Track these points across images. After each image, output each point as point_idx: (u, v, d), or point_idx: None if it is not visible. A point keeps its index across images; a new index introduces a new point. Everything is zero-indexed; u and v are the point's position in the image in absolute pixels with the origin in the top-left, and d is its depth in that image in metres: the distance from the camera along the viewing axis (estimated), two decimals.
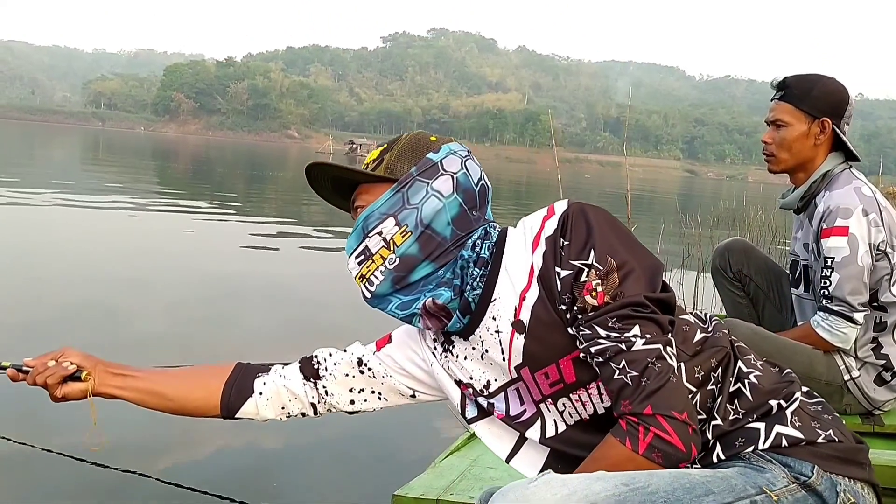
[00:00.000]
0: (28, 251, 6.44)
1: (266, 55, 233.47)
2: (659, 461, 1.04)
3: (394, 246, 1.23)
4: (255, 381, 1.41)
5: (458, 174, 1.25)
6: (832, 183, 2.17)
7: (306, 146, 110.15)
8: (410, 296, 1.24)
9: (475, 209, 1.27)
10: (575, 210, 1.17)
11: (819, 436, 1.14)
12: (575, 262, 1.13)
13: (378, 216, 1.24)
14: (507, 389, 1.25)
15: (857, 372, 2.14)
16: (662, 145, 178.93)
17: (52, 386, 1.35)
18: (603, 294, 1.11)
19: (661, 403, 1.04)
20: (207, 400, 1.40)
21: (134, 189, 14.39)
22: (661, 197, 30.01)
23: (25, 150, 28.88)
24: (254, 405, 1.40)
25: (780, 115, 2.20)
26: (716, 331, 1.23)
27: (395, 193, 1.24)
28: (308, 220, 11.21)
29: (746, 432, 1.15)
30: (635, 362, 1.07)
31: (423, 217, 1.22)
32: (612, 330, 1.09)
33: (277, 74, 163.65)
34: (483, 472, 1.89)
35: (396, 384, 1.40)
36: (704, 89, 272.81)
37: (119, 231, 8.34)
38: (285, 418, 1.43)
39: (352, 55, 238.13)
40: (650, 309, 1.10)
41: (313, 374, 1.41)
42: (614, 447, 1.06)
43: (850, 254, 2.05)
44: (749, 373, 1.20)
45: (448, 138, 1.33)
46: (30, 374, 1.36)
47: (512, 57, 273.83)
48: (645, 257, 1.16)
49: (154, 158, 32.36)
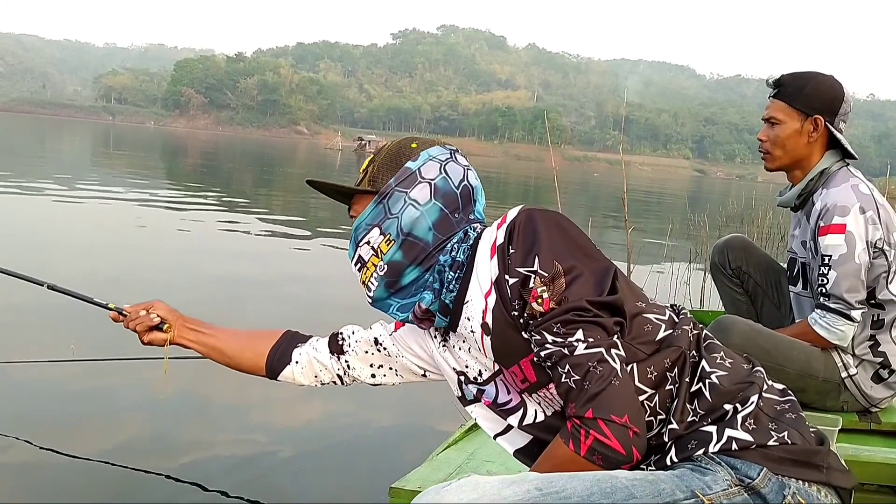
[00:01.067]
0: (36, 245, 6.49)
1: (276, 51, 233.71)
2: (599, 463, 1.07)
3: (381, 254, 1.32)
4: (294, 350, 1.58)
5: (436, 180, 1.32)
6: (829, 181, 2.18)
7: (315, 142, 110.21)
8: (407, 299, 1.33)
9: (457, 211, 1.33)
10: (522, 218, 1.21)
11: (771, 438, 1.14)
12: (520, 269, 1.18)
13: (365, 227, 1.34)
14: (496, 379, 1.31)
15: (855, 369, 2.15)
16: (672, 144, 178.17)
17: (140, 333, 1.60)
18: (549, 300, 1.14)
19: (602, 407, 1.07)
20: (256, 362, 1.60)
21: (143, 184, 14.45)
22: (670, 196, 29.94)
23: (37, 144, 29.01)
24: (291, 372, 1.58)
25: (773, 113, 2.21)
26: (677, 328, 1.23)
27: (378, 205, 1.32)
28: (315, 218, 11.23)
29: (699, 435, 1.16)
30: (578, 366, 1.10)
31: (403, 225, 1.30)
32: (557, 335, 1.12)
33: (287, 70, 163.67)
34: (480, 465, 1.91)
35: (408, 363, 1.51)
36: (715, 88, 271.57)
37: (125, 226, 8.39)
38: (319, 385, 1.60)
39: (361, 51, 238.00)
40: (593, 313, 1.13)
41: (338, 349, 1.56)
42: (560, 448, 1.09)
43: (848, 251, 2.06)
44: (711, 372, 1.20)
45: (432, 141, 1.38)
46: (125, 321, 1.61)
47: (522, 54, 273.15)
48: (594, 261, 1.19)
49: (164, 153, 32.47)
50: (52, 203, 9.46)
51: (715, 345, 1.25)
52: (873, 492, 1.80)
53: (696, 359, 1.22)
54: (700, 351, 1.23)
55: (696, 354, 1.22)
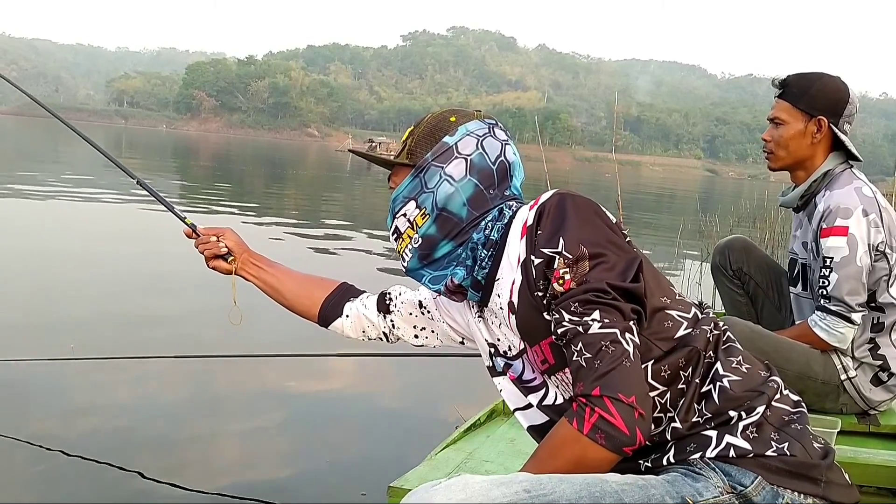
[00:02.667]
0: (48, 249, 6.54)
1: (287, 53, 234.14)
2: (602, 442, 1.05)
3: (416, 227, 1.34)
4: (346, 304, 1.64)
5: (473, 156, 1.33)
6: (833, 182, 2.18)
7: (326, 144, 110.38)
8: (439, 271, 1.35)
9: (493, 187, 1.34)
10: (554, 201, 1.22)
11: (770, 448, 1.13)
12: (545, 250, 1.18)
13: (402, 199, 1.36)
14: (523, 356, 1.32)
15: (854, 372, 2.15)
16: (683, 144, 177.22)
17: (207, 258, 1.68)
18: (570, 281, 1.15)
19: (610, 385, 1.06)
20: (310, 309, 1.66)
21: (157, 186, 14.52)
22: (682, 196, 29.81)
23: (50, 148, 29.21)
24: (341, 324, 1.65)
25: (778, 113, 2.22)
26: (697, 328, 1.22)
27: (414, 178, 1.35)
28: (326, 220, 11.27)
29: (699, 439, 1.16)
30: (590, 345, 1.10)
31: (438, 201, 1.32)
32: (573, 314, 1.13)
33: (298, 73, 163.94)
34: (479, 465, 1.93)
35: (448, 329, 1.55)
36: (726, 88, 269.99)
37: (139, 228, 8.44)
38: (366, 340, 1.66)
39: (372, 53, 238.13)
40: (612, 296, 1.12)
41: (385, 308, 1.61)
42: (563, 427, 1.09)
43: (849, 254, 2.07)
44: (724, 376, 1.19)
45: (471, 114, 1.39)
46: (197, 241, 1.70)
47: (532, 55, 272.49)
48: (620, 250, 1.18)
49: (176, 156, 32.63)
50: (63, 204, 9.54)
51: (734, 348, 1.24)
52: (872, 494, 1.81)
53: (712, 360, 1.21)
54: (717, 353, 1.22)
55: (712, 355, 1.21)
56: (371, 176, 29.30)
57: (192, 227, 1.71)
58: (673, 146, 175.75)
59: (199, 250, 1.69)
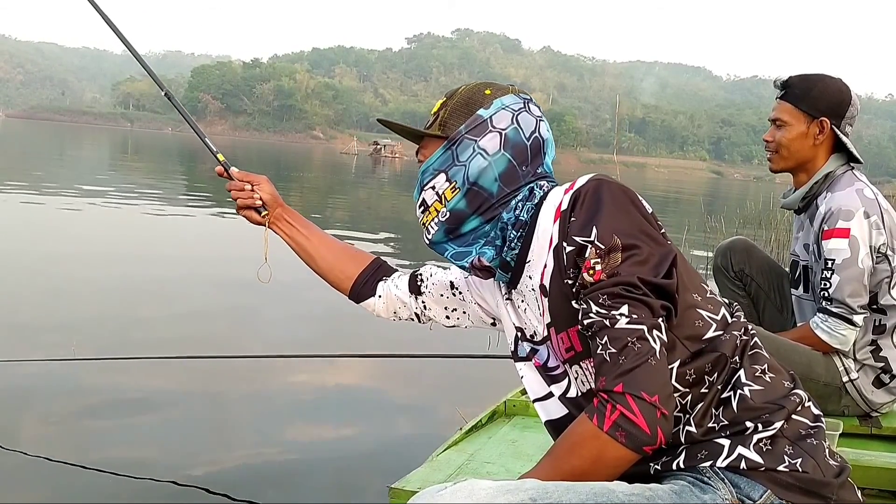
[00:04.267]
0: (58, 251, 6.56)
1: (292, 56, 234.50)
2: (622, 440, 1.03)
3: (445, 200, 1.31)
4: (378, 283, 1.61)
5: (507, 130, 1.30)
6: (834, 184, 2.19)
7: (331, 147, 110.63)
8: (463, 247, 1.33)
9: (525, 164, 1.30)
10: (590, 186, 1.18)
11: (783, 463, 1.11)
12: (577, 237, 1.14)
13: (431, 171, 1.33)
14: (548, 342, 1.29)
15: (856, 374, 2.15)
16: (689, 146, 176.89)
17: (239, 206, 1.60)
18: (600, 272, 1.11)
19: (633, 383, 1.03)
20: (343, 282, 1.62)
21: (162, 189, 14.57)
22: (687, 198, 29.76)
23: (56, 151, 29.32)
24: (373, 303, 1.61)
25: (779, 115, 2.23)
26: (727, 332, 1.18)
27: (446, 151, 1.31)
28: (333, 220, 11.28)
29: (712, 446, 1.13)
30: (616, 340, 1.06)
31: (469, 175, 1.29)
32: (601, 306, 1.09)
33: (303, 75, 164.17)
34: (480, 466, 1.93)
35: (479, 311, 1.52)
36: (731, 90, 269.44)
37: (147, 230, 8.46)
38: (397, 320, 1.63)
39: (377, 56, 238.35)
40: (642, 291, 1.09)
41: (416, 289, 1.58)
42: (583, 423, 1.06)
43: (851, 256, 2.07)
44: (746, 384, 1.16)
45: (506, 88, 1.35)
46: (230, 184, 1.61)
47: (536, 57, 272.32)
48: (655, 243, 1.14)
49: (182, 159, 32.71)
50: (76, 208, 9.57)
51: (761, 356, 1.21)
52: (874, 497, 1.81)
53: (736, 366, 1.18)
54: (742, 359, 1.18)
55: (737, 361, 1.18)
56: (376, 178, 29.28)
57: (225, 166, 1.61)
58: (678, 148, 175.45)
59: (232, 197, 1.61)
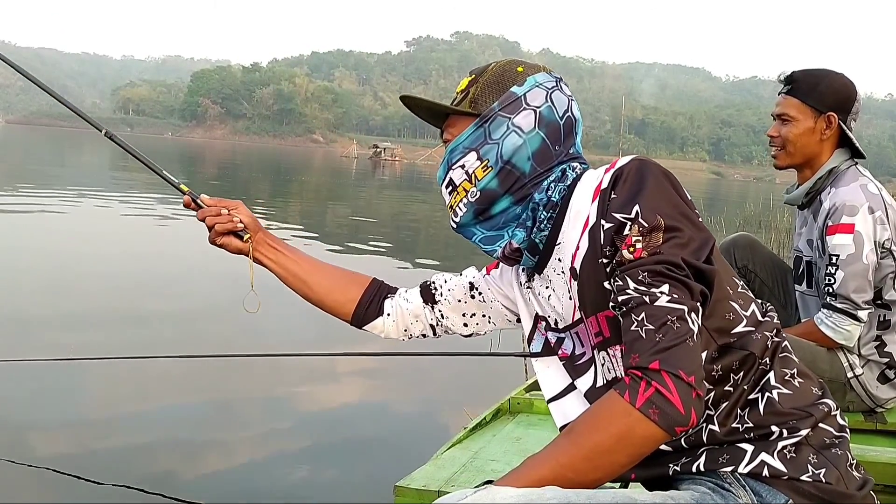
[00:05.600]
0: (61, 255, 6.57)
1: (291, 60, 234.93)
2: (655, 418, 0.98)
3: (475, 180, 1.26)
4: (384, 301, 1.51)
5: (542, 108, 1.25)
6: (838, 180, 2.18)
7: (331, 150, 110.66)
8: (493, 231, 1.28)
9: (558, 143, 1.26)
10: (633, 165, 1.15)
11: (806, 472, 1.08)
12: (617, 214, 1.11)
13: (461, 150, 1.27)
14: (571, 331, 1.25)
15: (861, 369, 2.14)
16: (688, 147, 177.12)
17: (218, 232, 1.45)
18: (641, 250, 1.08)
19: (671, 360, 0.99)
20: (343, 306, 1.51)
21: (162, 192, 14.58)
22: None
23: (57, 156, 29.34)
24: (381, 324, 1.51)
25: (786, 110, 2.21)
26: (758, 331, 1.16)
27: (478, 128, 1.26)
28: (330, 227, 11.29)
29: (734, 451, 1.11)
30: (654, 317, 1.03)
31: (503, 153, 1.24)
32: (641, 283, 1.06)
33: (302, 79, 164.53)
34: (485, 464, 1.93)
35: (502, 309, 1.45)
36: (731, 90, 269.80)
37: (145, 234, 8.46)
38: (407, 339, 1.53)
39: (376, 59, 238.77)
40: (685, 272, 1.06)
41: (431, 298, 1.50)
42: (612, 399, 1.01)
43: (856, 251, 2.06)
44: (775, 387, 1.13)
45: (538, 66, 1.31)
46: (201, 212, 1.46)
47: (536, 59, 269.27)
48: (696, 228, 1.11)
49: (182, 163, 32.72)
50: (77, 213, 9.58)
51: (790, 360, 1.18)
52: (879, 492, 1.79)
53: (766, 367, 1.15)
54: (773, 361, 1.15)
55: (767, 363, 1.15)
56: (376, 181, 29.29)
57: (191, 196, 1.47)
58: (678, 149, 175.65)
59: (208, 224, 1.45)
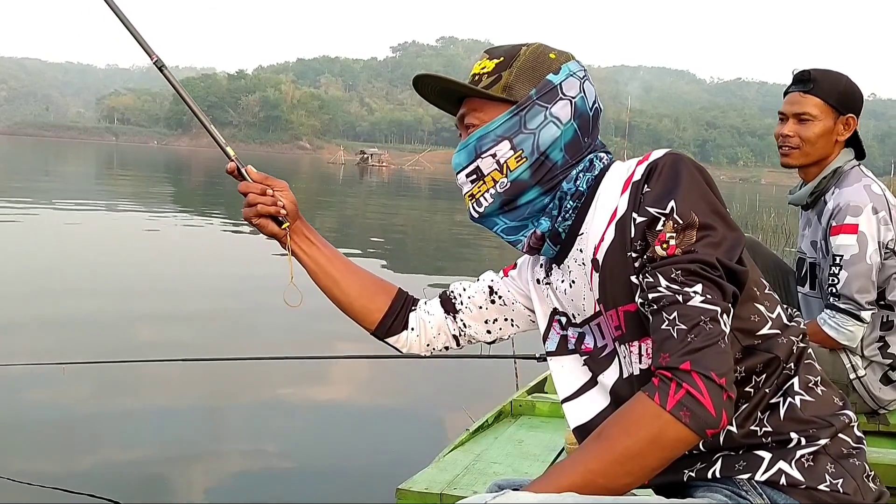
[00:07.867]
0: (50, 262, 6.51)
1: (277, 67, 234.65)
2: (686, 421, 0.96)
3: (507, 170, 1.22)
4: (410, 315, 1.46)
5: (576, 98, 1.22)
6: (842, 180, 2.17)
7: (318, 157, 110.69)
8: (517, 221, 1.25)
9: (588, 134, 1.24)
10: (668, 160, 1.13)
11: (824, 482, 1.07)
12: (651, 209, 1.09)
13: (494, 138, 1.22)
14: (591, 323, 1.23)
15: (864, 370, 2.14)
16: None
17: (259, 213, 1.36)
18: (674, 247, 1.05)
19: (702, 362, 0.98)
20: (371, 314, 1.44)
21: (150, 201, 14.51)
22: None
23: (41, 166, 29.17)
24: (406, 338, 1.46)
25: (807, 108, 2.17)
26: (783, 336, 1.14)
27: (513, 116, 1.21)
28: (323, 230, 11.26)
29: (751, 458, 1.09)
30: (687, 317, 1.01)
31: (539, 143, 1.21)
32: (674, 282, 1.04)
33: (288, 86, 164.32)
34: (487, 466, 1.91)
35: (523, 309, 1.42)
36: (715, 92, 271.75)
37: (137, 242, 8.41)
38: (429, 353, 1.48)
39: (362, 65, 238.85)
40: (719, 272, 1.04)
41: (452, 308, 1.45)
42: (641, 402, 0.99)
43: (859, 252, 2.05)
44: (798, 394, 1.12)
45: (568, 54, 1.27)
46: (245, 185, 1.36)
47: None
48: (730, 227, 1.09)
49: (168, 172, 32.65)
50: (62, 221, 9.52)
51: (814, 367, 1.16)
52: None
53: (791, 373, 1.13)
54: (798, 367, 1.14)
55: (792, 368, 1.13)
56: (363, 186, 29.26)
57: (238, 164, 1.37)
58: None
59: (248, 199, 1.35)
